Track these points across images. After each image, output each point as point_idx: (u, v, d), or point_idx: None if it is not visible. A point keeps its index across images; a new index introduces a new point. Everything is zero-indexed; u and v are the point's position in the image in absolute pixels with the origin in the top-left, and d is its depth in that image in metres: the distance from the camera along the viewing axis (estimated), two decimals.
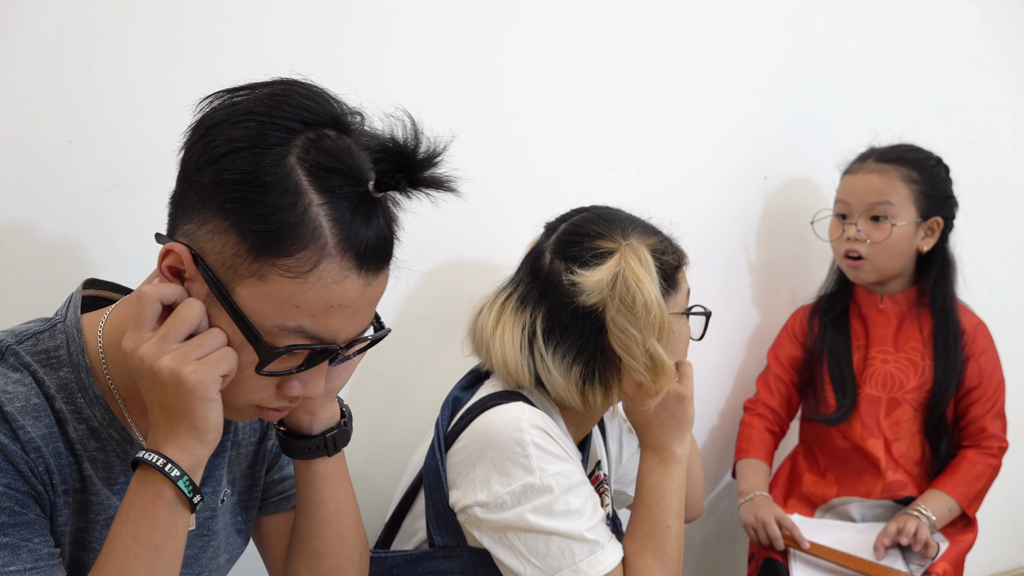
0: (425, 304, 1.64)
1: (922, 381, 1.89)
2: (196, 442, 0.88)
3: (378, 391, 1.63)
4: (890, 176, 1.85)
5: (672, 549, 1.25)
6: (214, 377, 0.86)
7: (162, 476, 0.87)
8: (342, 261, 0.86)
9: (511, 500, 1.18)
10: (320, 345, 0.90)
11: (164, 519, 0.87)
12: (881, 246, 1.85)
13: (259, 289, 0.86)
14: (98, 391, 0.94)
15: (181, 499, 0.88)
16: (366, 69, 1.53)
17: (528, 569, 1.19)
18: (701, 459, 1.63)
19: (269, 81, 0.90)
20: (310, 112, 0.87)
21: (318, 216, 0.84)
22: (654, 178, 1.90)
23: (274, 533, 1.17)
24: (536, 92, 1.73)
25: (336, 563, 1.10)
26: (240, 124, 0.85)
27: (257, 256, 0.84)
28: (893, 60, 2.22)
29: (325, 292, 0.86)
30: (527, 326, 1.26)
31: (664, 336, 1.22)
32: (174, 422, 0.87)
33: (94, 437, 0.94)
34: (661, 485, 1.28)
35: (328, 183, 0.85)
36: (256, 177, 0.83)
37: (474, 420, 1.23)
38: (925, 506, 1.81)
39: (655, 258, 1.24)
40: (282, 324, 0.87)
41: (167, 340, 0.86)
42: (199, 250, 0.87)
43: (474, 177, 1.64)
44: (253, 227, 0.84)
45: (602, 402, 1.27)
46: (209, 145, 0.85)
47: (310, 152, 0.85)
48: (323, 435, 1.05)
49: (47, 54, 1.26)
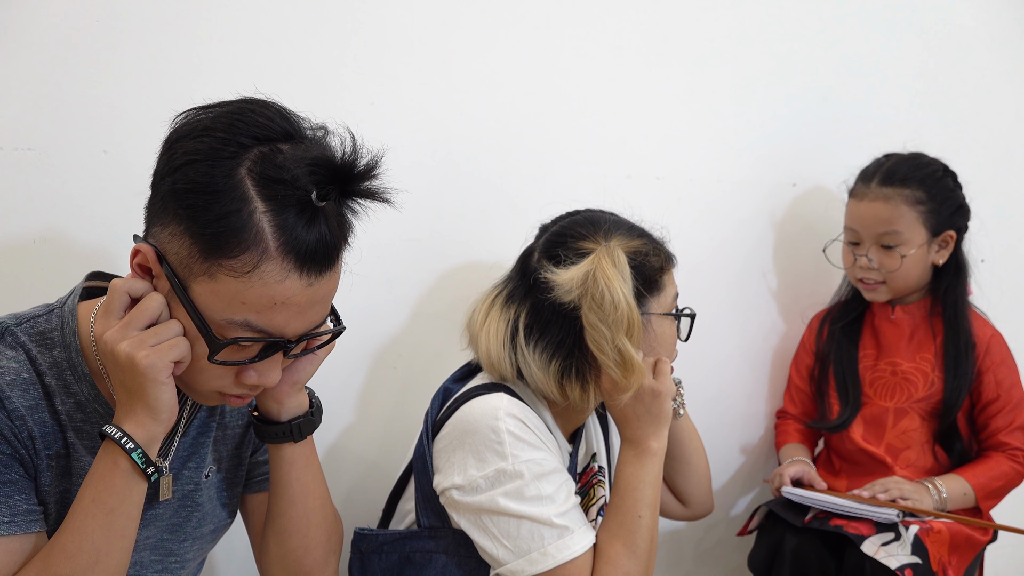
0: (440, 304, 1.73)
1: (931, 391, 1.89)
2: (150, 420, 0.99)
3: (393, 385, 1.73)
4: (895, 203, 1.84)
5: (643, 539, 1.30)
6: (165, 362, 0.97)
7: (119, 448, 0.99)
8: (283, 263, 0.96)
9: (485, 484, 1.26)
10: (267, 338, 1.00)
11: (120, 486, 0.99)
12: (895, 274, 1.86)
13: (210, 287, 0.96)
14: (86, 370, 1.06)
15: (136, 470, 1.00)
16: (384, 80, 1.63)
17: (500, 551, 1.27)
18: (707, 457, 1.68)
19: (233, 100, 1.01)
20: (264, 128, 0.97)
21: (261, 222, 0.94)
22: (674, 185, 1.95)
23: (256, 511, 1.28)
24: (555, 98, 1.80)
25: (302, 541, 1.20)
26: (198, 139, 0.96)
27: (206, 257, 0.95)
28: (921, 66, 2.22)
29: (267, 290, 0.96)
30: (511, 321, 1.34)
31: (634, 334, 1.29)
32: (132, 401, 0.99)
33: (80, 410, 1.06)
34: (635, 477, 1.34)
35: (273, 192, 0.95)
36: (206, 186, 0.94)
37: (458, 409, 1.32)
38: (940, 481, 1.82)
39: (633, 259, 1.31)
40: (230, 318, 0.97)
41: (128, 327, 0.98)
42: (162, 250, 0.99)
43: (491, 181, 1.75)
44: (203, 231, 0.94)
45: (580, 396, 1.34)
46: (171, 157, 0.97)
47: (259, 164, 0.95)
48: (289, 423, 1.16)
49: (82, 70, 1.39)
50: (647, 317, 1.35)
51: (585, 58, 1.82)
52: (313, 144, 0.99)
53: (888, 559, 1.63)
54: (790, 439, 2.05)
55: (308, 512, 1.20)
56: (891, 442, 1.92)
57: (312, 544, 1.21)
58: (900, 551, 1.65)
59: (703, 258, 2.00)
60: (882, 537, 1.68)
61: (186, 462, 1.18)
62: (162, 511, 1.16)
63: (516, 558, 1.26)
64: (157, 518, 1.15)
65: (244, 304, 0.97)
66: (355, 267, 1.63)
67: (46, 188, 1.39)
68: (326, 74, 1.59)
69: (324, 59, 1.59)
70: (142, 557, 1.16)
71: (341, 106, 1.61)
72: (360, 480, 1.73)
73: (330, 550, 1.24)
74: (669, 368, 1.37)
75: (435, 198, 1.71)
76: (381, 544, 1.38)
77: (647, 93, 1.90)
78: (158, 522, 1.16)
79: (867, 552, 1.65)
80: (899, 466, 1.91)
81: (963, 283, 1.91)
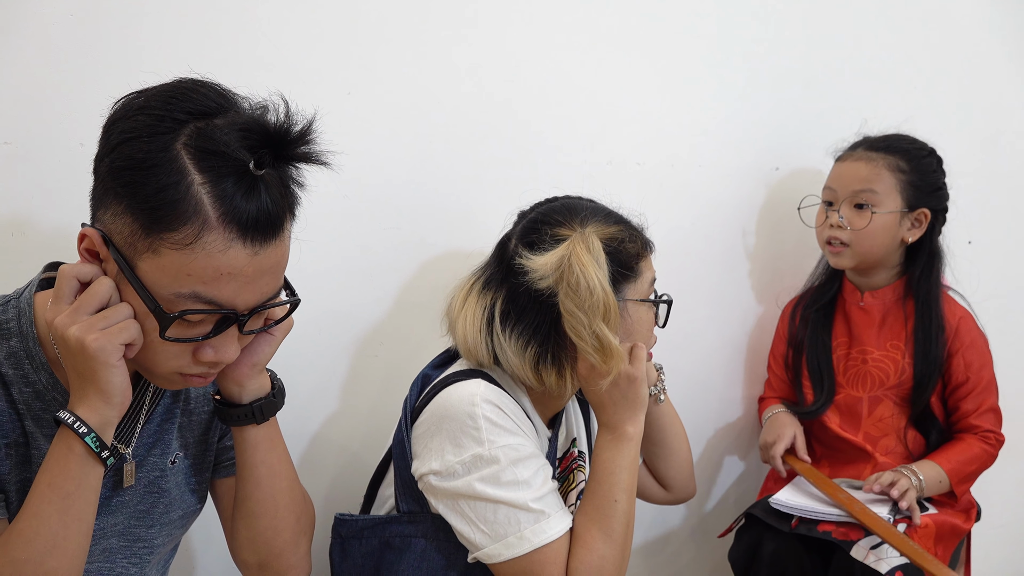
0: (421, 292, 1.74)
1: (902, 378, 1.91)
2: (103, 403, 1.00)
3: (376, 374, 1.74)
4: (876, 164, 1.86)
5: (619, 523, 1.31)
6: (115, 345, 0.98)
7: (73, 433, 0.99)
8: (225, 232, 0.96)
9: (462, 469, 1.28)
10: (218, 310, 1.00)
11: (75, 470, 1.00)
12: (862, 233, 1.86)
13: (155, 262, 0.96)
14: (44, 359, 1.06)
15: (91, 454, 1.00)
16: (359, 69, 1.63)
17: (477, 535, 1.28)
18: (688, 441, 1.69)
19: (169, 81, 1.01)
20: (199, 104, 0.97)
21: (199, 193, 0.95)
22: (654, 171, 1.96)
23: (225, 495, 1.29)
24: (533, 85, 1.80)
25: (271, 523, 1.21)
26: (133, 118, 0.97)
27: (148, 232, 0.95)
28: (910, 50, 2.23)
29: (212, 261, 0.96)
30: (487, 308, 1.35)
31: (611, 319, 1.30)
32: (84, 385, 1.00)
33: (39, 399, 1.07)
34: (612, 462, 1.35)
35: (210, 164, 0.95)
36: (142, 161, 0.94)
37: (436, 395, 1.33)
38: (918, 468, 1.83)
39: (609, 246, 1.33)
40: (178, 292, 0.97)
41: (78, 312, 0.98)
42: (107, 232, 0.99)
43: (470, 169, 1.75)
44: (142, 206, 0.95)
45: (556, 382, 1.35)
46: (108, 138, 0.98)
47: (195, 138, 0.96)
48: (251, 404, 1.16)
49: (59, 64, 1.39)
50: (623, 303, 1.36)
51: (564, 44, 1.82)
52: (246, 114, 0.99)
53: (878, 563, 1.64)
54: (773, 402, 2.07)
55: (275, 493, 1.21)
56: (868, 431, 1.94)
57: (281, 525, 1.22)
58: (889, 553, 1.65)
59: (684, 243, 2.01)
60: (870, 540, 1.69)
61: (151, 449, 1.19)
62: (128, 498, 1.16)
63: (493, 542, 1.27)
64: (124, 505, 1.16)
65: (190, 276, 0.97)
66: (335, 256, 1.66)
67: (23, 181, 1.39)
68: (301, 64, 1.59)
69: (299, 49, 1.59)
70: (110, 544, 1.16)
71: (316, 95, 1.60)
72: (344, 468, 1.74)
73: (300, 531, 1.25)
74: (645, 353, 1.38)
75: (414, 186, 1.72)
76: (361, 529, 1.39)
77: (627, 79, 1.90)
78: (125, 509, 1.16)
79: (856, 557, 1.66)
80: (879, 453, 1.92)
81: (937, 271, 1.92)
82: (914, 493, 1.77)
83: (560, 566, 1.28)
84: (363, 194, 1.68)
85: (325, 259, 1.65)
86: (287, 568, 1.25)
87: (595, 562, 1.28)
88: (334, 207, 1.65)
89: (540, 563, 1.27)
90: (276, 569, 1.24)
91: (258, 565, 1.24)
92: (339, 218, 1.66)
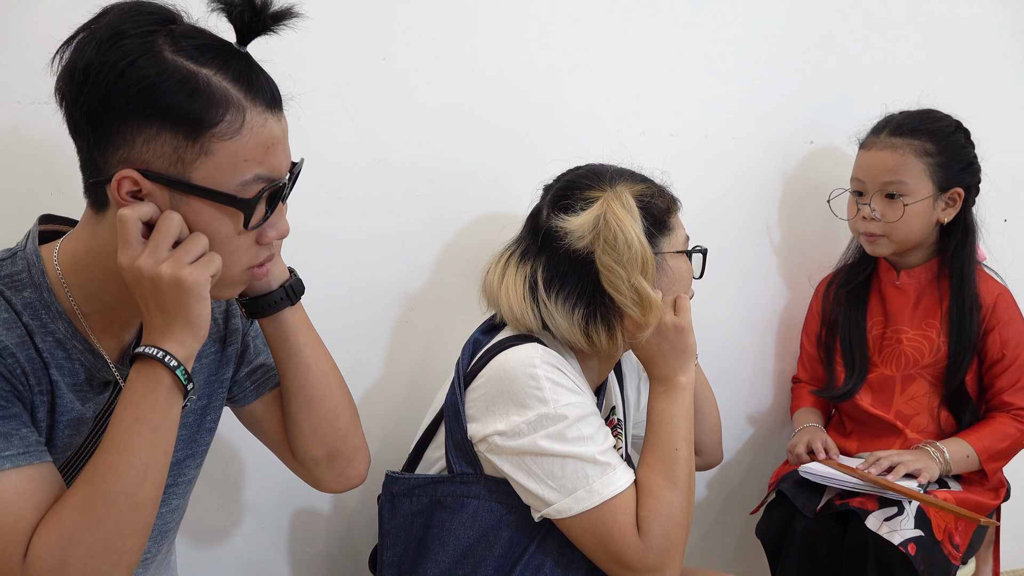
0: (454, 258, 1.75)
1: (936, 356, 1.88)
2: (190, 336, 1.02)
3: (410, 340, 1.76)
4: (903, 152, 1.82)
5: (682, 470, 1.33)
6: (206, 277, 1.01)
7: (161, 365, 1.01)
8: (257, 108, 1.01)
9: (528, 428, 1.29)
10: (279, 182, 1.04)
11: (163, 402, 1.02)
12: (896, 224, 1.83)
13: (210, 163, 0.99)
14: (60, 308, 1.07)
15: (177, 385, 1.02)
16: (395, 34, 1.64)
17: (546, 491, 1.29)
18: (718, 407, 1.69)
19: (97, 14, 1.00)
20: (152, 15, 0.99)
21: (217, 82, 0.98)
22: (688, 142, 1.95)
23: (266, 414, 1.32)
24: (569, 54, 1.80)
25: (330, 404, 1.25)
26: (111, 50, 0.96)
27: (195, 136, 0.97)
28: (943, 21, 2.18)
29: (259, 138, 1.01)
30: (528, 277, 1.37)
31: (648, 272, 1.32)
32: (170, 320, 1.01)
33: (60, 347, 1.07)
34: (668, 411, 1.37)
35: (207, 57, 0.98)
36: (159, 75, 0.96)
37: (492, 360, 1.34)
38: (943, 445, 1.81)
39: (640, 201, 1.35)
40: (241, 180, 1.01)
41: (159, 250, 0.99)
42: (143, 165, 0.98)
43: (504, 136, 1.76)
44: (178, 115, 0.96)
45: (607, 341, 1.37)
46: (99, 81, 0.96)
47: (177, 43, 0.98)
48: (282, 287, 1.20)
49: None
50: (661, 256, 1.37)
51: (600, 11, 1.81)
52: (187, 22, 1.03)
53: (891, 534, 1.64)
54: (803, 403, 2.06)
55: (326, 373, 1.25)
56: (900, 408, 1.92)
57: (339, 406, 1.26)
58: (903, 525, 1.65)
59: (716, 215, 2.00)
60: (885, 512, 1.69)
61: None
62: None
63: (563, 497, 1.29)
64: None
65: (247, 160, 1.00)
66: (368, 223, 1.67)
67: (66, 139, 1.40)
68: (337, 28, 1.59)
69: (336, 14, 1.59)
70: None
71: (352, 62, 1.62)
72: (394, 427, 1.77)
73: (355, 412, 1.30)
74: (689, 304, 1.40)
75: (446, 153, 1.72)
76: (412, 487, 1.41)
77: (662, 49, 1.89)
78: None
79: (871, 527, 1.66)
80: (910, 430, 1.90)
81: (971, 245, 1.89)
82: (910, 465, 1.76)
83: (630, 516, 1.29)
84: (396, 160, 1.68)
85: (358, 222, 1.67)
86: (353, 450, 1.30)
87: (664, 510, 1.30)
88: (367, 174, 1.66)
89: (611, 514, 1.28)
90: (345, 453, 1.29)
91: (327, 456, 1.28)
92: (372, 184, 1.67)
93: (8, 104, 1.41)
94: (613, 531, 1.28)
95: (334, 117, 1.62)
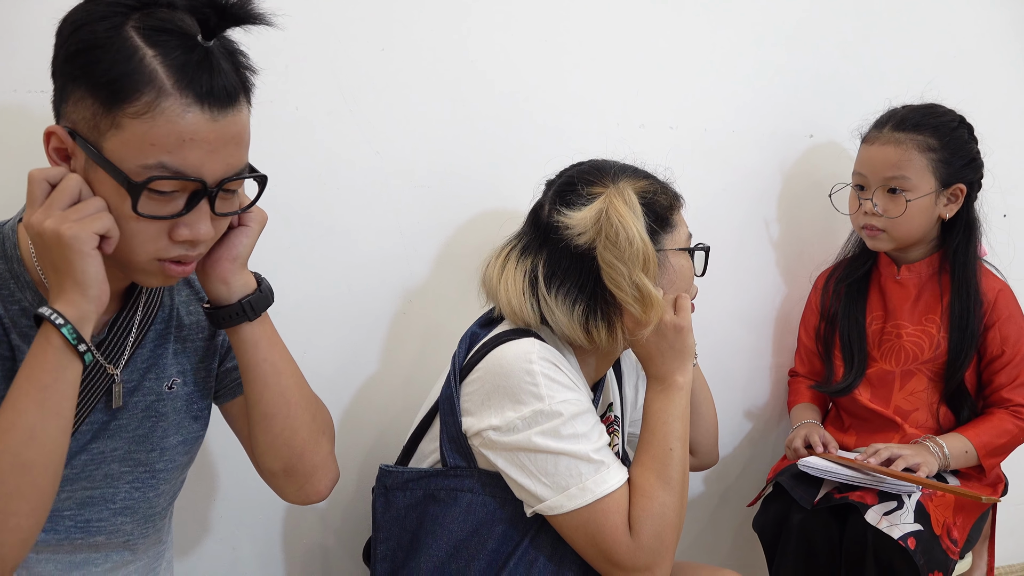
0: (453, 251, 1.74)
1: (936, 352, 1.88)
2: (79, 296, 1.01)
3: (413, 333, 1.76)
4: (906, 147, 1.81)
5: (676, 471, 1.33)
6: (88, 233, 0.99)
7: (51, 325, 1.00)
8: (181, 98, 0.98)
9: (522, 424, 1.28)
10: (184, 178, 1.01)
11: (51, 362, 1.01)
12: (898, 220, 1.83)
13: (118, 137, 0.99)
14: (28, 279, 1.10)
15: (68, 346, 1.01)
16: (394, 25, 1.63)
17: (539, 487, 1.29)
18: (715, 409, 1.69)
19: None
20: None
21: (152, 64, 0.98)
22: (687, 135, 1.94)
23: (239, 416, 1.30)
24: (568, 45, 1.79)
25: (286, 422, 1.22)
26: (82, 10, 1.00)
27: (109, 108, 0.98)
28: (943, 18, 2.18)
29: (173, 127, 0.99)
30: (528, 272, 1.36)
31: (650, 269, 1.32)
32: (61, 280, 1.01)
33: (25, 315, 1.10)
34: (664, 411, 1.36)
35: (159, 39, 0.99)
36: (95, 42, 0.98)
37: (488, 354, 1.34)
38: (943, 440, 1.81)
39: (643, 198, 1.34)
40: (144, 163, 0.99)
41: (51, 208, 1.00)
42: (72, 124, 1.01)
43: (501, 129, 1.75)
44: (99, 83, 0.98)
45: (607, 338, 1.36)
46: (60, 34, 1.02)
47: (143, 19, 0.99)
48: (240, 302, 1.17)
49: None
50: (663, 254, 1.37)
51: (599, 4, 1.80)
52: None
53: (891, 529, 1.63)
54: (801, 399, 2.06)
55: (283, 391, 1.21)
56: (899, 404, 1.92)
57: (296, 424, 1.22)
58: (903, 519, 1.65)
59: (715, 208, 1.99)
60: (885, 506, 1.68)
61: (146, 373, 1.21)
62: (126, 422, 1.19)
63: (555, 494, 1.28)
64: (121, 429, 1.19)
65: (154, 145, 0.99)
66: (366, 215, 1.66)
67: None
68: (335, 18, 1.58)
69: (334, 5, 1.58)
70: (111, 469, 1.19)
71: (350, 52, 1.61)
72: (391, 420, 1.76)
73: (317, 430, 1.25)
74: (689, 303, 1.39)
75: (445, 145, 1.71)
76: (406, 481, 1.40)
77: (662, 41, 1.88)
78: (123, 433, 1.19)
79: (870, 521, 1.66)
80: (909, 425, 1.90)
81: (974, 241, 1.88)
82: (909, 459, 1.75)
83: (622, 515, 1.29)
84: (395, 151, 1.67)
85: (356, 214, 1.66)
86: (311, 469, 1.25)
87: (656, 509, 1.30)
88: (365, 165, 1.66)
89: (603, 512, 1.28)
90: (301, 471, 1.25)
91: (283, 470, 1.24)
92: (370, 175, 1.66)
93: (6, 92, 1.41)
94: (605, 529, 1.28)
95: (333, 108, 1.62)
